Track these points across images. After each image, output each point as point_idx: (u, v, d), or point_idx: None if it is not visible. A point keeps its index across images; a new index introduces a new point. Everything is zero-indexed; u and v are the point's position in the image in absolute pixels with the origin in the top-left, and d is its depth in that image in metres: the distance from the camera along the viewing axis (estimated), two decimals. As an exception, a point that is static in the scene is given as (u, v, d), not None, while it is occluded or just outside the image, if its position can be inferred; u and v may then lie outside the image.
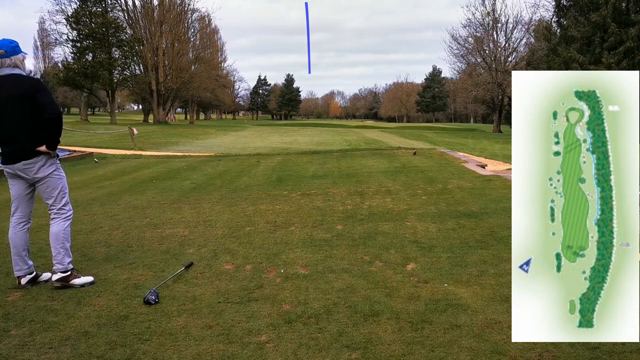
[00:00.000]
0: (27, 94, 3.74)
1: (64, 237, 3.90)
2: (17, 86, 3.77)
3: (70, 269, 3.89)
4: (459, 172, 10.43)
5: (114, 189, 9.16)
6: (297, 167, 12.30)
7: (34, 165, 3.83)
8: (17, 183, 3.94)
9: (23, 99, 3.74)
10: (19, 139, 3.79)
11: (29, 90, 3.75)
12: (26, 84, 3.78)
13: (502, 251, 4.56)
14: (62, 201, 3.96)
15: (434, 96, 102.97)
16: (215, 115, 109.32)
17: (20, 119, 3.77)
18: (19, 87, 3.76)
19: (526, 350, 2.73)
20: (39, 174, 3.86)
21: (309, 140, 26.04)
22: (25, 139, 3.79)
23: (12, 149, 3.82)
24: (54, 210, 3.97)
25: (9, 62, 3.82)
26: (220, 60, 72.73)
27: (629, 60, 26.68)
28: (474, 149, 19.76)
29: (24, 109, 3.75)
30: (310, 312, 3.30)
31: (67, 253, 3.90)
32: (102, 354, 2.81)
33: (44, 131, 3.81)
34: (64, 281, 3.84)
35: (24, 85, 3.77)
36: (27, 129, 3.78)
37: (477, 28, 47.45)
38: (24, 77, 3.85)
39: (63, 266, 3.85)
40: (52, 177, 3.90)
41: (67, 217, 3.97)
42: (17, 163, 3.82)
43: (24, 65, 3.94)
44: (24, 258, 3.90)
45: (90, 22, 45.39)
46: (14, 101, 3.75)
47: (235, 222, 6.06)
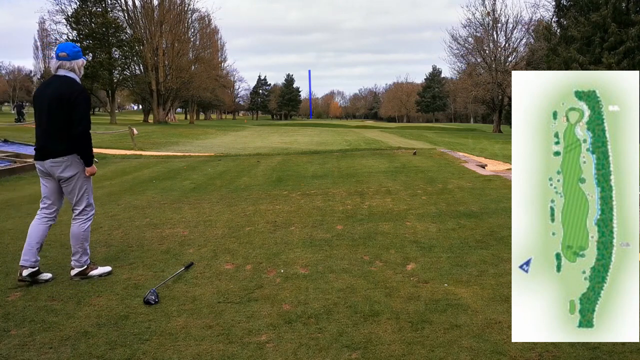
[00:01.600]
0: (67, 99, 3.90)
1: (83, 238, 4.05)
2: (63, 89, 3.93)
3: (87, 264, 4.06)
4: (459, 172, 10.43)
5: (114, 189, 9.16)
6: (297, 167, 12.30)
7: (60, 165, 3.96)
8: (46, 180, 4.08)
9: (63, 103, 3.91)
10: (51, 139, 3.97)
11: (69, 97, 3.90)
12: (70, 91, 3.93)
13: (502, 251, 4.56)
14: (84, 202, 4.09)
15: (434, 96, 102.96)
16: (215, 115, 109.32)
17: (56, 121, 3.94)
18: (63, 91, 3.92)
19: (526, 350, 2.73)
20: (64, 173, 3.98)
21: (309, 140, 26.04)
22: (57, 140, 3.95)
23: (44, 146, 3.99)
24: (76, 211, 4.10)
25: (68, 65, 4.01)
26: (220, 60, 72.72)
27: (629, 60, 26.67)
28: (474, 149, 19.77)
29: (61, 112, 3.92)
30: (310, 312, 3.30)
31: (85, 252, 4.07)
32: (102, 354, 2.81)
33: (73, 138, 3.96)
34: (82, 274, 4.03)
35: (67, 91, 3.92)
36: (60, 131, 3.94)
37: (477, 28, 47.51)
38: (74, 82, 4.01)
39: (80, 264, 4.04)
40: (76, 179, 4.02)
41: (87, 218, 4.11)
42: (46, 160, 3.98)
43: (81, 71, 4.10)
44: (34, 251, 3.99)
45: (90, 22, 45.38)
46: (56, 102, 3.92)
47: (235, 222, 6.06)
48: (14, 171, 11.38)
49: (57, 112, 3.92)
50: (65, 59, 3.98)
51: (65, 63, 3.99)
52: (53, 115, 3.94)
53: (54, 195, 4.09)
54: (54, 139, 3.96)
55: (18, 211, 7.05)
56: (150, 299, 3.52)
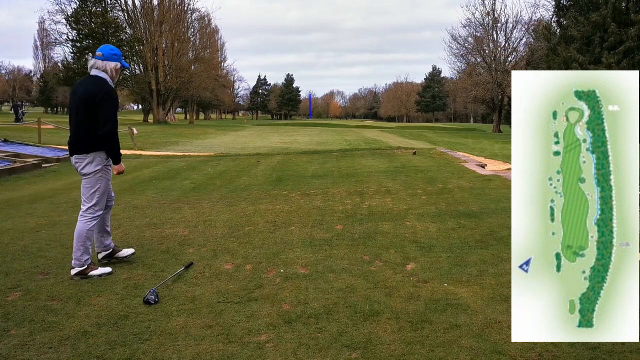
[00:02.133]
0: (92, 99, 4.03)
1: (86, 237, 4.11)
2: (92, 88, 4.07)
3: (88, 264, 4.09)
4: (459, 172, 10.43)
5: (114, 189, 9.13)
6: (297, 167, 12.30)
7: (82, 162, 4.12)
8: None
9: (89, 103, 4.04)
10: (78, 136, 4.13)
11: (95, 97, 4.02)
12: (97, 90, 4.04)
13: (502, 251, 4.56)
14: (92, 201, 4.16)
15: (434, 96, 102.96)
16: (215, 115, 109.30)
17: (83, 119, 4.09)
18: (91, 90, 4.06)
19: (526, 350, 2.73)
20: (84, 170, 4.14)
21: (309, 140, 26.04)
22: (82, 137, 4.10)
23: (71, 142, 4.19)
24: (83, 208, 4.19)
25: (100, 65, 4.13)
26: (220, 60, 72.77)
27: (629, 60, 26.66)
28: (474, 149, 19.77)
29: (87, 111, 4.06)
30: (310, 312, 3.30)
31: (87, 251, 4.11)
32: (102, 354, 2.81)
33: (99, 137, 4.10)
34: (82, 274, 4.05)
35: (95, 90, 4.04)
36: (86, 129, 4.08)
37: (477, 28, 47.55)
38: (103, 83, 4.10)
39: (80, 262, 4.07)
40: (93, 177, 4.14)
41: (93, 217, 4.17)
42: (72, 156, 4.19)
43: (113, 73, 4.19)
44: (100, 239, 4.37)
45: (90, 22, 45.35)
46: (83, 102, 4.06)
47: (235, 222, 6.06)
48: (14, 171, 11.38)
49: (83, 111, 4.06)
50: (99, 58, 4.12)
51: (98, 62, 4.11)
52: (80, 114, 4.08)
53: None
54: (78, 136, 4.11)
55: (18, 211, 7.05)
56: (150, 299, 3.52)
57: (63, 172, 12.10)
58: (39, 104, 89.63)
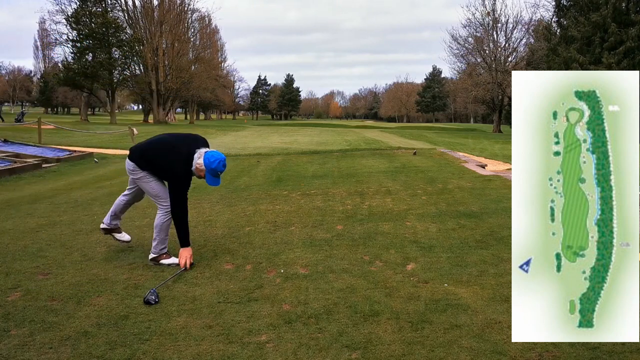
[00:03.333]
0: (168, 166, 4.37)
1: (160, 229, 4.44)
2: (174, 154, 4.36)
3: (162, 252, 4.44)
4: (459, 172, 10.43)
5: (114, 189, 9.15)
6: (297, 167, 12.29)
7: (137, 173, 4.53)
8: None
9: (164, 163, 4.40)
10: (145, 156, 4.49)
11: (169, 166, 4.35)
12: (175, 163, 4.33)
13: (502, 251, 4.56)
14: (157, 197, 4.52)
15: (434, 96, 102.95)
16: (215, 115, 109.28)
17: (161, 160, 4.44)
18: (172, 155, 4.37)
19: (526, 350, 2.73)
20: (135, 176, 4.56)
21: (309, 140, 26.03)
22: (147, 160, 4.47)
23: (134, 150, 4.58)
24: (157, 204, 4.54)
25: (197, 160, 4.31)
26: (220, 60, 72.76)
27: (629, 60, 26.66)
28: (474, 149, 19.76)
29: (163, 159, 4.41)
30: (310, 312, 3.30)
31: (162, 241, 4.44)
32: (102, 354, 2.81)
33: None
34: (155, 260, 4.44)
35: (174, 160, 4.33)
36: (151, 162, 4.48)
37: (477, 28, 47.49)
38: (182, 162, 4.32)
39: (156, 250, 4.44)
40: (140, 182, 4.54)
41: (166, 210, 4.46)
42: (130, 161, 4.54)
43: (196, 168, 4.35)
44: (110, 215, 4.81)
45: (90, 22, 45.32)
46: (166, 150, 4.43)
47: (235, 222, 6.05)
48: (14, 171, 11.38)
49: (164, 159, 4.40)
50: (202, 160, 4.29)
51: (198, 158, 4.31)
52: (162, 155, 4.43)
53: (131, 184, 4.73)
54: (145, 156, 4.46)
55: (18, 211, 7.05)
56: (150, 299, 3.52)
57: (63, 172, 12.11)
58: (39, 104, 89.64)
